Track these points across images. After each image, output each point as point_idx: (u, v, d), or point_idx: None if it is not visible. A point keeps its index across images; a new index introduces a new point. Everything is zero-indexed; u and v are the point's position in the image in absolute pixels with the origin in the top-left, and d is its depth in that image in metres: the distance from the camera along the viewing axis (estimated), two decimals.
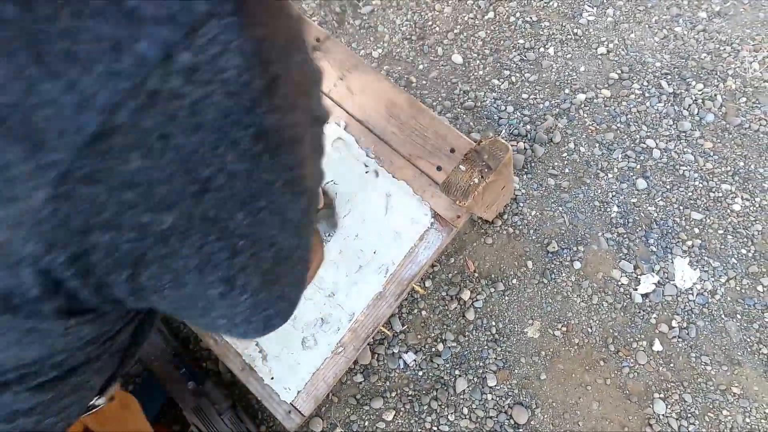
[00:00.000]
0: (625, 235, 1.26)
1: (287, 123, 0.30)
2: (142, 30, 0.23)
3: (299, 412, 1.03)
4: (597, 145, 1.34)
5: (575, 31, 1.46)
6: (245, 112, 0.27)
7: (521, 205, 1.29)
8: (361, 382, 1.20)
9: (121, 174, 0.25)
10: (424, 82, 1.44)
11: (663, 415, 1.14)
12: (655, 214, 1.27)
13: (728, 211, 1.27)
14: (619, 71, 1.41)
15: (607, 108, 1.37)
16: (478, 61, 1.45)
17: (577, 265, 1.24)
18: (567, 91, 1.40)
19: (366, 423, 1.17)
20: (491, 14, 1.49)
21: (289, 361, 1.04)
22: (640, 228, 1.27)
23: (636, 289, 1.22)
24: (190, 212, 0.28)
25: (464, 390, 1.18)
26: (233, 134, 0.27)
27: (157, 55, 0.23)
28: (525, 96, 1.40)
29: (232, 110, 0.26)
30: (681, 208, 1.28)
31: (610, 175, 1.31)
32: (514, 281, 1.24)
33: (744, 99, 1.35)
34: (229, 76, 0.25)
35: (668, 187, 1.29)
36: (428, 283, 1.26)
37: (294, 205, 0.34)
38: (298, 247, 0.38)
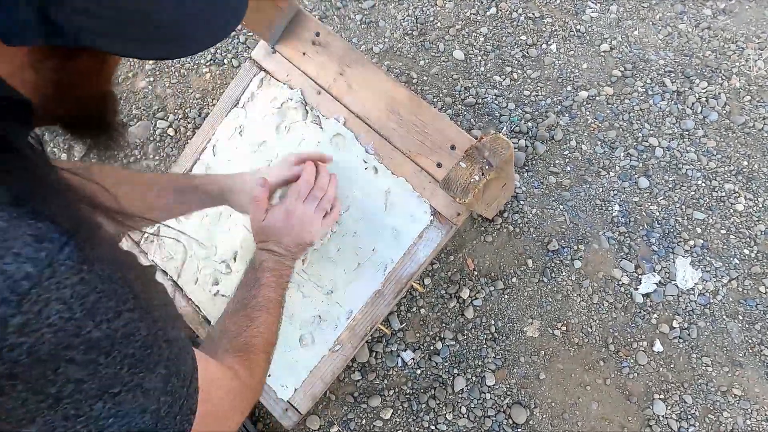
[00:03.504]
0: (626, 234, 1.25)
1: (114, 328, 0.37)
2: None
3: (296, 410, 1.02)
4: (599, 143, 1.33)
5: (578, 27, 1.45)
6: (73, 336, 0.34)
7: (522, 203, 1.28)
8: (358, 380, 1.19)
9: None
10: (425, 78, 1.42)
11: (663, 416, 1.13)
12: (657, 213, 1.26)
13: (731, 210, 1.26)
14: (622, 68, 1.39)
15: (609, 106, 1.36)
16: (479, 58, 1.43)
17: (578, 264, 1.23)
18: (569, 88, 1.38)
19: (363, 421, 1.16)
20: (493, 10, 1.48)
21: (287, 359, 1.03)
22: (641, 227, 1.25)
23: (637, 289, 1.21)
24: (49, 419, 0.35)
25: (462, 389, 1.17)
26: (67, 355, 0.34)
27: None
28: (527, 93, 1.39)
29: (62, 340, 0.33)
30: (683, 207, 1.26)
31: (611, 174, 1.30)
32: (514, 280, 1.23)
33: (748, 98, 1.34)
34: (54, 320, 0.33)
35: (671, 186, 1.28)
36: (427, 281, 1.25)
37: (151, 376, 0.40)
38: (171, 405, 0.43)
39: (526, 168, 1.32)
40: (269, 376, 1.03)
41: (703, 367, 1.16)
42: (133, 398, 0.39)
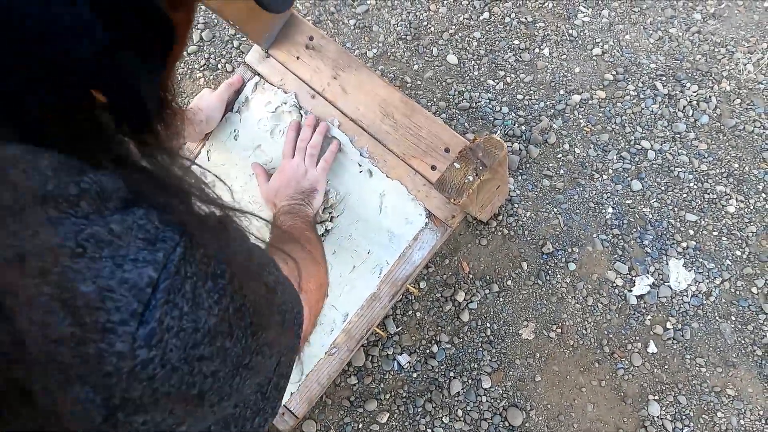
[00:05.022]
0: (620, 237, 1.26)
1: (223, 307, 0.35)
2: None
3: (292, 413, 1.02)
4: (592, 146, 1.34)
5: (570, 32, 1.46)
6: (194, 332, 0.32)
7: (516, 206, 1.29)
8: (355, 384, 1.18)
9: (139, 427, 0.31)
10: (419, 82, 1.43)
11: (657, 417, 1.13)
12: (650, 216, 1.27)
13: (723, 212, 1.27)
14: (614, 72, 1.41)
15: (602, 109, 1.37)
16: (473, 62, 1.44)
17: (572, 266, 1.24)
18: (562, 92, 1.39)
19: (360, 425, 1.16)
20: (486, 15, 1.49)
21: None
22: (635, 229, 1.26)
23: (631, 291, 1.22)
24: (198, 415, 0.34)
25: (459, 392, 1.17)
26: (196, 353, 0.32)
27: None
28: (520, 97, 1.40)
29: (186, 341, 0.32)
30: (676, 209, 1.27)
31: (605, 177, 1.31)
32: (509, 282, 1.24)
33: (738, 101, 1.35)
34: (170, 323, 0.31)
35: (663, 188, 1.29)
36: (423, 285, 1.25)
37: (269, 330, 0.39)
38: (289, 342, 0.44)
39: (520, 171, 1.32)
40: None
41: (697, 368, 1.16)
42: (262, 358, 0.38)
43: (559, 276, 1.23)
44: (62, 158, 0.31)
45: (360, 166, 0.99)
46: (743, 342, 1.17)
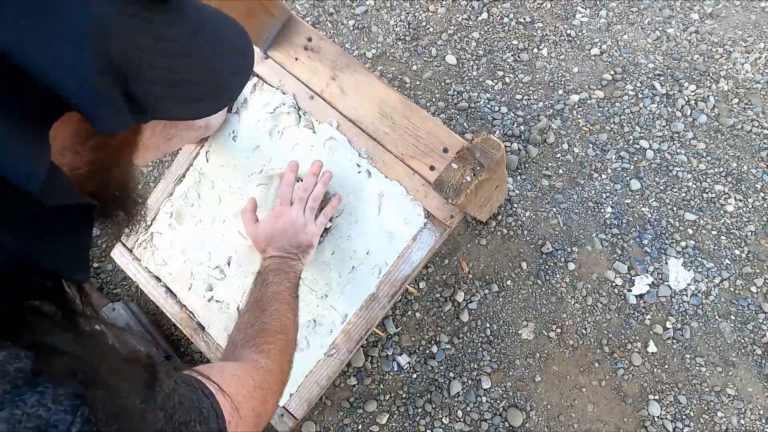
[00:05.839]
0: (619, 236, 1.26)
1: None
2: None
3: (292, 415, 1.02)
4: (590, 145, 1.34)
5: (568, 32, 1.46)
6: None
7: (515, 205, 1.29)
8: (354, 385, 1.18)
9: None
10: (417, 82, 1.43)
11: (658, 416, 1.13)
12: (649, 215, 1.27)
13: (721, 211, 1.27)
14: (612, 72, 1.41)
15: (600, 109, 1.37)
16: (471, 62, 1.44)
17: (572, 266, 1.24)
18: (560, 91, 1.40)
19: (359, 426, 1.16)
20: (485, 15, 1.49)
21: None
22: (634, 229, 1.26)
23: (630, 290, 1.22)
24: None
25: (458, 392, 1.17)
26: None
27: None
28: (518, 97, 1.40)
29: None
30: (675, 208, 1.27)
31: (603, 176, 1.31)
32: (509, 282, 1.24)
33: (736, 100, 1.35)
34: None
35: (662, 187, 1.29)
36: (422, 285, 1.25)
37: None
38: None
39: (519, 171, 1.32)
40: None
41: (697, 368, 1.16)
42: None
43: (558, 276, 1.23)
44: None
45: (359, 166, 0.99)
46: (743, 341, 1.17)
